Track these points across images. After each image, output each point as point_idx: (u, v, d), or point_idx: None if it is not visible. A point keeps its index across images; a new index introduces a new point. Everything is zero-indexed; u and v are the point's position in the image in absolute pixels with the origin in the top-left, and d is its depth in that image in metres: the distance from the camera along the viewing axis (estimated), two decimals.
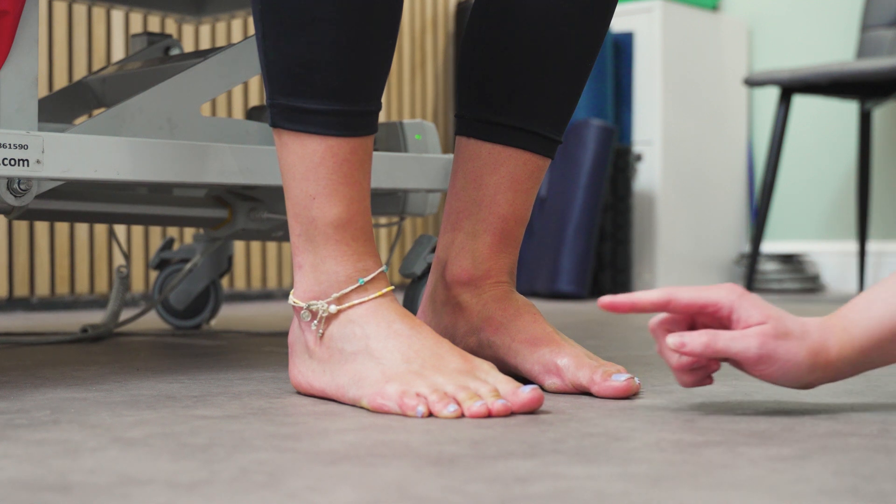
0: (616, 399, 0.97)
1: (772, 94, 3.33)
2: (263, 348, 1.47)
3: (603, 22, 1.11)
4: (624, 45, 3.10)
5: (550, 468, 0.66)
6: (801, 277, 3.13)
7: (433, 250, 1.39)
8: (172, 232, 2.59)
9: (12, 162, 1.04)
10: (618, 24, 3.12)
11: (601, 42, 1.12)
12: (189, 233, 2.60)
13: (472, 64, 1.11)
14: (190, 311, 1.83)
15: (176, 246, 2.46)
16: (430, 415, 0.86)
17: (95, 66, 2.45)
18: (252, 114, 1.45)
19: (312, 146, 0.94)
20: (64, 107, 1.50)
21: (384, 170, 1.33)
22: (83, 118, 1.61)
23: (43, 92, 2.30)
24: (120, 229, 2.50)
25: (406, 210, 1.51)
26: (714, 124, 3.27)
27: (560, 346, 1.03)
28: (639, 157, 3.10)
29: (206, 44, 2.64)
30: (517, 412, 0.88)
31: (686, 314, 0.86)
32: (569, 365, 1.01)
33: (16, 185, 1.07)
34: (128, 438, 0.77)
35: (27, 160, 1.05)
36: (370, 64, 0.95)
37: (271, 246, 2.80)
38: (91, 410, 0.90)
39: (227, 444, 0.74)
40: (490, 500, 0.58)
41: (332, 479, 0.63)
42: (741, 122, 3.36)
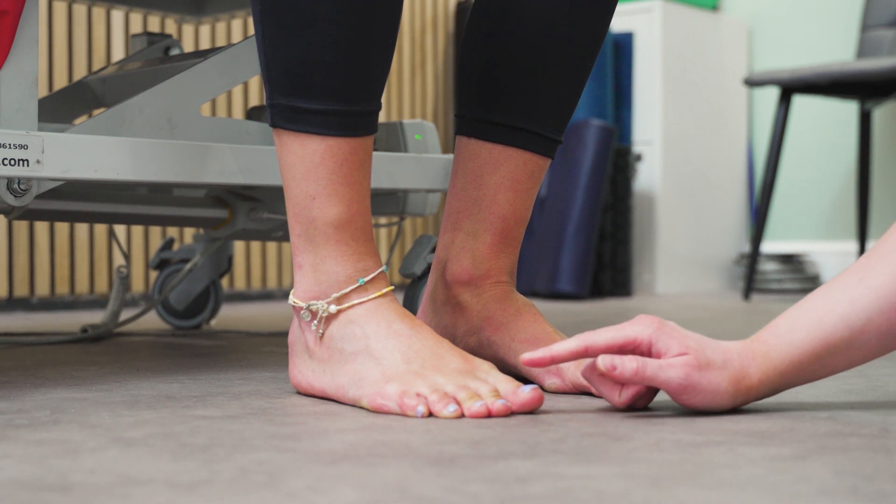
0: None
1: (772, 94, 3.33)
2: (263, 348, 1.47)
3: (603, 22, 1.11)
4: (624, 45, 3.10)
5: (550, 468, 0.66)
6: (801, 277, 3.13)
7: (433, 250, 1.39)
8: (172, 232, 2.59)
9: (12, 162, 1.04)
10: (618, 24, 3.12)
11: (601, 42, 1.12)
12: (189, 233, 2.60)
13: (472, 64, 1.11)
14: (190, 311, 1.83)
15: (176, 246, 2.46)
16: (430, 415, 0.86)
17: (95, 66, 2.45)
18: (252, 114, 1.45)
19: (312, 146, 0.94)
20: (64, 107, 1.50)
21: (384, 170, 1.33)
22: (83, 118, 1.61)
23: (43, 92, 2.30)
24: (120, 229, 2.50)
25: (406, 210, 1.51)
26: (714, 124, 3.27)
27: None
28: (639, 157, 3.10)
29: (206, 44, 2.64)
30: (517, 412, 0.88)
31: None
32: (569, 365, 1.01)
33: (16, 185, 1.07)
34: (128, 438, 0.77)
35: (27, 160, 1.05)
36: (370, 64, 0.95)
37: (271, 246, 2.80)
38: (91, 410, 0.90)
39: (227, 444, 0.74)
40: (490, 500, 0.58)
41: (332, 479, 0.63)
42: (741, 122, 3.36)
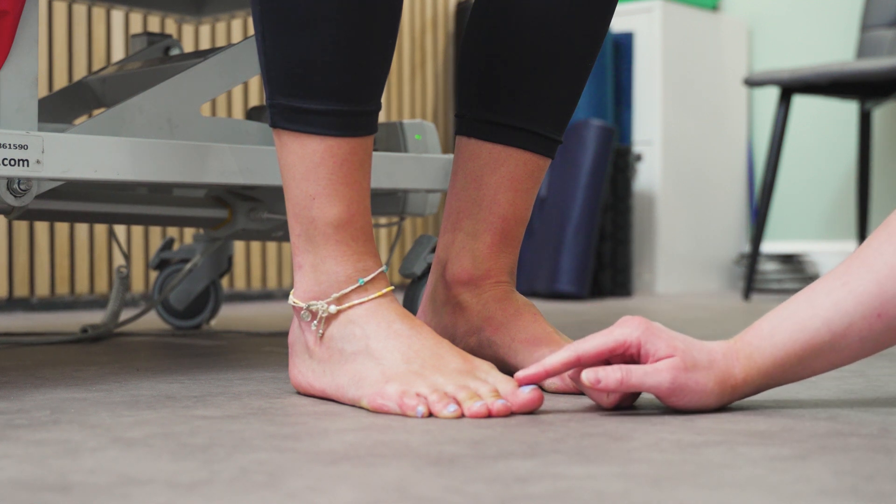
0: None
1: (772, 94, 3.33)
2: (263, 348, 1.47)
3: (603, 22, 1.11)
4: (624, 45, 3.10)
5: (550, 468, 0.66)
6: (801, 277, 3.13)
7: (433, 250, 1.39)
8: (172, 232, 2.59)
9: (12, 162, 1.04)
10: (618, 24, 3.12)
11: (601, 42, 1.12)
12: (189, 233, 2.60)
13: (472, 64, 1.11)
14: (190, 311, 1.83)
15: (176, 246, 2.46)
16: (430, 415, 0.86)
17: (95, 66, 2.45)
18: (252, 114, 1.45)
19: (312, 146, 0.94)
20: (64, 107, 1.50)
21: (384, 170, 1.33)
22: (83, 118, 1.61)
23: (43, 92, 2.30)
24: (120, 229, 2.50)
25: (406, 210, 1.51)
26: (714, 124, 3.27)
27: (560, 346, 1.03)
28: (639, 157, 3.10)
29: (206, 44, 2.64)
30: (517, 412, 0.88)
31: (598, 362, 0.89)
32: None
33: (16, 186, 1.07)
34: (128, 438, 0.77)
35: (27, 160, 1.05)
36: (370, 64, 0.95)
37: (271, 246, 2.80)
38: (91, 410, 0.90)
39: (227, 444, 0.74)
40: (490, 500, 0.58)
41: (332, 479, 0.63)
42: (741, 122, 3.36)
